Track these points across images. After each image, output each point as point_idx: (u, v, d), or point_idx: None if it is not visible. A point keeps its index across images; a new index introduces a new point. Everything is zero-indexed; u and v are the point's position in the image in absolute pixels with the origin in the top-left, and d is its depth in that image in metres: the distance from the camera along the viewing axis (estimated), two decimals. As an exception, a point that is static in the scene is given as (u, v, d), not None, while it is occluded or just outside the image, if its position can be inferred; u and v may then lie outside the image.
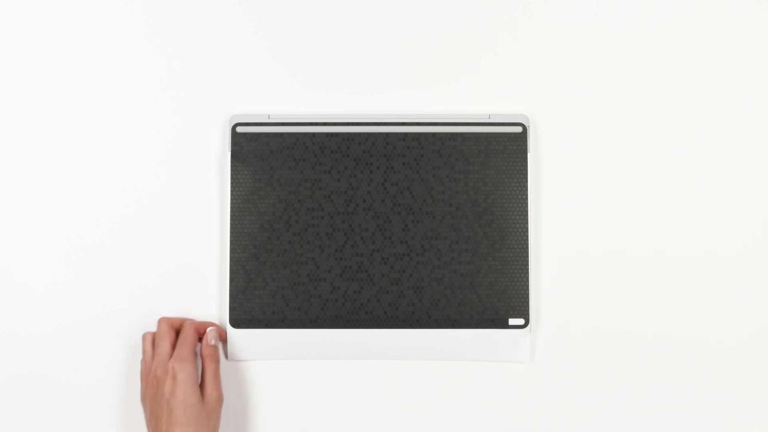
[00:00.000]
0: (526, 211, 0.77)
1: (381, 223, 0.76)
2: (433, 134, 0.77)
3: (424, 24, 0.78)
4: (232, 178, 0.77)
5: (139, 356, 0.77)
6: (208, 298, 0.77)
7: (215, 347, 0.75)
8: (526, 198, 0.77)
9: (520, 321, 0.76)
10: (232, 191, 0.76)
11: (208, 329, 0.75)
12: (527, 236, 0.77)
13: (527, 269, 0.77)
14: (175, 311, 0.77)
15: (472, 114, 0.77)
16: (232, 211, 0.77)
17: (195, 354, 0.74)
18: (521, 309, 0.76)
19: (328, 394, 0.77)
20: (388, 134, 0.77)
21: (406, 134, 0.77)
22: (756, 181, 0.78)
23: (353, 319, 0.76)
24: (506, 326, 0.76)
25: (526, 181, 0.77)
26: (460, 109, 0.78)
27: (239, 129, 0.76)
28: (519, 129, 0.77)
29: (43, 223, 0.78)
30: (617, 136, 0.79)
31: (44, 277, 0.77)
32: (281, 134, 0.77)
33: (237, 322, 0.76)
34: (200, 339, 0.76)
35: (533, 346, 0.77)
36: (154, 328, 0.77)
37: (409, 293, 0.76)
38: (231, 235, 0.76)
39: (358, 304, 0.76)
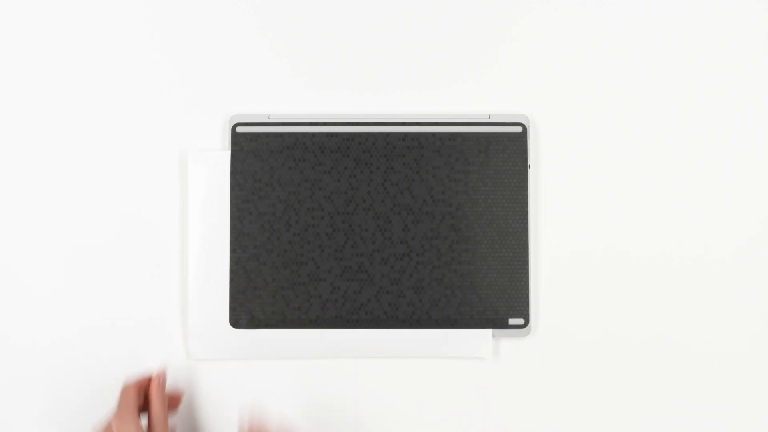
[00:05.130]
0: (526, 211, 0.77)
1: (381, 223, 0.76)
2: (433, 134, 0.77)
3: (424, 24, 0.78)
4: (232, 178, 0.77)
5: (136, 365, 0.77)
6: (211, 298, 0.77)
7: (162, 391, 0.71)
8: (527, 198, 0.77)
9: (520, 321, 0.76)
10: (232, 191, 0.77)
11: (156, 373, 0.72)
12: (527, 236, 0.77)
13: (527, 269, 0.77)
14: (170, 314, 0.77)
15: (472, 114, 0.77)
16: (232, 212, 0.77)
17: (137, 410, 0.70)
18: (521, 309, 0.76)
19: (328, 393, 0.77)
20: (388, 134, 0.77)
21: (406, 134, 0.77)
22: (757, 181, 0.78)
23: (353, 319, 0.76)
24: (506, 326, 0.76)
25: (526, 181, 0.77)
26: (460, 109, 0.78)
27: (239, 129, 0.77)
28: (519, 129, 0.77)
29: (36, 225, 0.77)
30: (617, 135, 0.79)
31: (38, 283, 0.77)
32: (281, 134, 0.77)
33: (237, 322, 0.76)
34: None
35: (533, 346, 0.77)
36: (151, 329, 0.77)
37: (409, 293, 0.76)
38: (231, 236, 0.76)
39: (358, 304, 0.76)
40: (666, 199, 0.78)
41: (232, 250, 0.76)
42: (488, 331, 0.76)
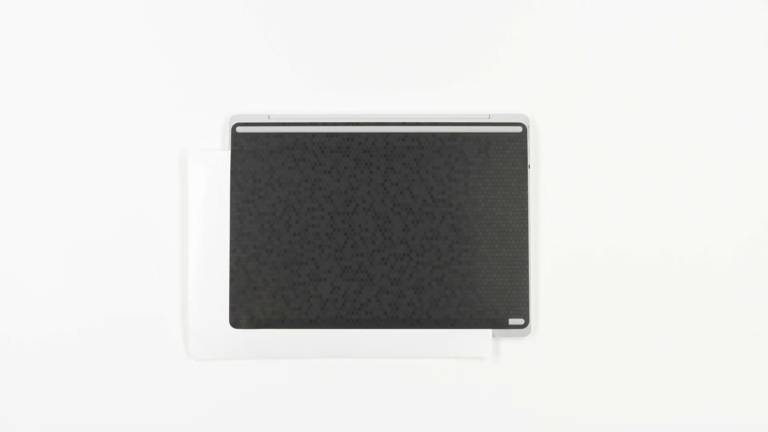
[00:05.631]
0: (526, 211, 0.77)
1: (381, 223, 0.76)
2: (433, 134, 0.77)
3: (424, 24, 0.78)
4: (232, 178, 0.76)
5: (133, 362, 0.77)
6: (209, 297, 0.77)
7: None
8: (526, 198, 0.77)
9: (520, 321, 0.76)
10: (231, 191, 0.76)
11: None
12: (527, 236, 0.77)
13: (527, 269, 0.76)
14: (169, 310, 0.77)
15: (472, 114, 0.77)
16: (232, 212, 0.76)
17: None
18: (521, 309, 0.76)
19: (328, 393, 0.77)
20: (388, 134, 0.77)
21: (406, 134, 0.77)
22: (757, 181, 0.78)
23: (353, 319, 0.76)
24: (506, 326, 0.76)
25: (526, 181, 0.77)
26: (460, 109, 0.78)
27: (239, 129, 0.77)
28: (519, 129, 0.77)
29: (36, 225, 0.77)
30: (617, 135, 0.78)
31: (38, 283, 0.77)
32: (281, 134, 0.77)
33: (237, 322, 0.76)
34: None
35: (533, 346, 0.77)
36: (151, 329, 0.77)
37: (409, 293, 0.76)
38: (231, 235, 0.76)
39: (358, 304, 0.76)
40: (666, 199, 0.78)
41: (232, 250, 0.76)
42: (488, 331, 0.76)
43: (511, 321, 0.76)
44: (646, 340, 0.77)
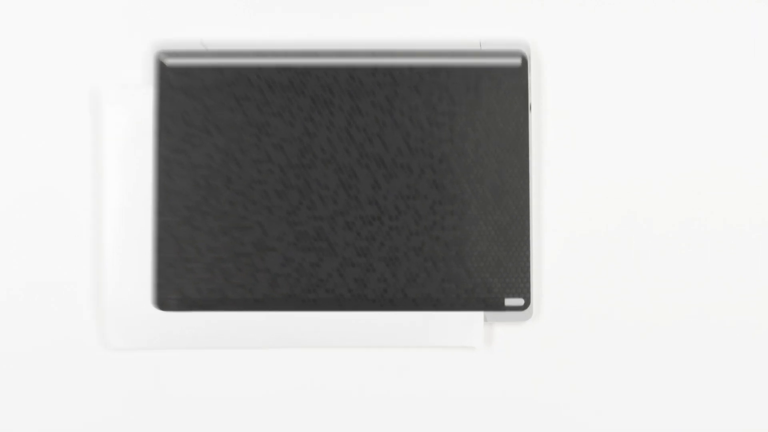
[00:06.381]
0: (527, 164, 0.72)
1: (345, 179, 0.71)
2: (410, 68, 0.72)
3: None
4: (158, 123, 0.71)
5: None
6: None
7: None
8: (527, 147, 0.72)
9: (519, 301, 0.71)
10: (158, 139, 0.71)
11: None
12: (528, 196, 0.71)
13: (528, 237, 0.71)
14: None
15: (459, 42, 0.73)
16: (159, 164, 0.71)
17: None
18: (520, 286, 0.71)
19: (278, 390, 0.72)
20: (353, 68, 0.72)
21: (376, 68, 0.72)
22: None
23: (310, 298, 0.71)
24: (502, 308, 0.71)
25: (527, 127, 0.72)
26: (444, 36, 0.73)
27: (167, 61, 0.71)
28: (517, 61, 0.72)
29: None
30: (636, 70, 0.73)
31: None
32: (220, 68, 0.71)
33: (165, 302, 0.71)
34: None
35: (535, 332, 0.73)
36: (58, 313, 0.71)
37: (380, 266, 0.71)
38: (157, 194, 0.71)
39: (316, 279, 0.71)
40: (692, 154, 0.73)
41: (159, 213, 0.71)
42: (479, 314, 0.71)
43: (508, 301, 0.71)
44: (667, 324, 0.73)
